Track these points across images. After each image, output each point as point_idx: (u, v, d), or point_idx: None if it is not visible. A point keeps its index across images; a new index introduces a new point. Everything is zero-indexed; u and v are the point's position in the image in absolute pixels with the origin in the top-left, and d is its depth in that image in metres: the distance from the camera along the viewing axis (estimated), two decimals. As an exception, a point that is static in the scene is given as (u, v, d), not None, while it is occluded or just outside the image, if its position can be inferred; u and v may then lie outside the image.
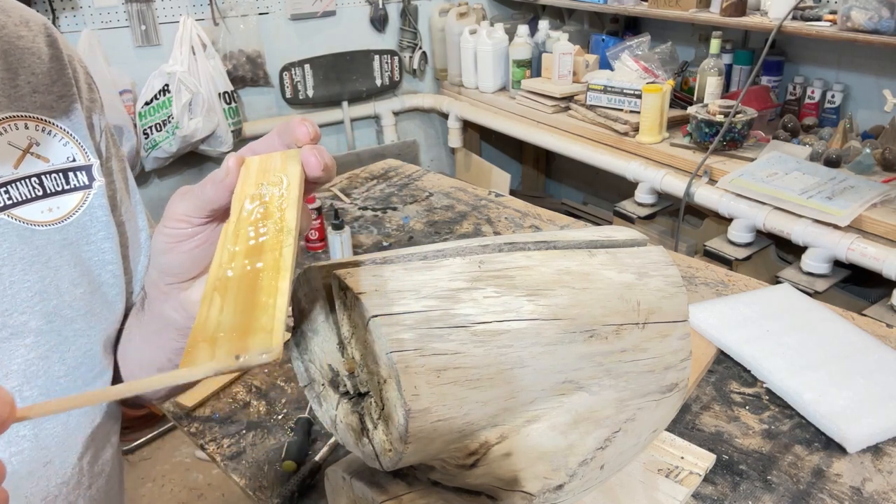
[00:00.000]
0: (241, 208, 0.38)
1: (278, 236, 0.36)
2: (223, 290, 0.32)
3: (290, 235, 0.36)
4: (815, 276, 1.58)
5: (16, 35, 0.54)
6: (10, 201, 0.52)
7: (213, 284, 0.33)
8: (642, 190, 2.04)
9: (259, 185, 0.40)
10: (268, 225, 0.37)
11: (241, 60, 2.37)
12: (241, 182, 0.40)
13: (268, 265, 0.34)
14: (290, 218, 0.37)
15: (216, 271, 0.34)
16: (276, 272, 0.33)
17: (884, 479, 0.71)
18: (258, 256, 0.35)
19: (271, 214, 0.38)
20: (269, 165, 0.41)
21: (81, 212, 0.56)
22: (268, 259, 0.34)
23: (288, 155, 0.42)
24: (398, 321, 0.45)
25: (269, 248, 0.35)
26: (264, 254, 0.35)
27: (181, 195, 0.43)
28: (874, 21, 1.59)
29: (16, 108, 0.53)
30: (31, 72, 0.54)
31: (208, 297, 0.32)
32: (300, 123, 0.42)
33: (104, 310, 0.57)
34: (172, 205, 0.44)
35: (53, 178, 0.54)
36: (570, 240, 0.57)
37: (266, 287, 0.33)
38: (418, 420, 0.45)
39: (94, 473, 0.59)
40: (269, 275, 0.33)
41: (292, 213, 0.37)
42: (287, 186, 0.39)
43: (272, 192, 0.39)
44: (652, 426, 0.60)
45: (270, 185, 0.39)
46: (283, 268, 0.34)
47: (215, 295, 0.32)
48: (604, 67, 2.36)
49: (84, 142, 0.57)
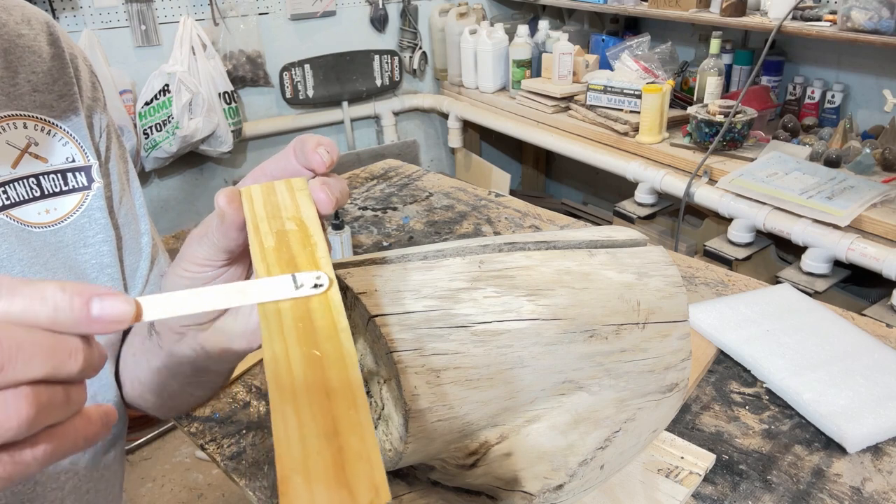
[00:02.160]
0: (269, 273, 0.33)
1: (329, 315, 0.31)
2: (292, 398, 0.28)
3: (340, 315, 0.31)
4: (815, 276, 1.58)
5: (16, 33, 0.54)
6: (9, 201, 0.51)
7: (278, 390, 0.28)
8: (642, 190, 2.04)
9: (280, 238, 0.35)
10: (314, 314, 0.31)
11: (241, 60, 2.37)
12: (254, 228, 0.35)
13: (332, 364, 0.29)
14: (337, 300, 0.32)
15: (273, 367, 0.29)
16: (343, 369, 0.29)
17: (884, 479, 0.71)
18: (314, 343, 0.30)
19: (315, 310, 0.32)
20: (277, 201, 0.37)
21: (79, 213, 0.55)
22: (326, 348, 0.30)
23: (295, 188, 0.37)
24: (398, 321, 0.45)
25: (325, 335, 0.30)
26: (321, 343, 0.30)
27: (198, 239, 0.40)
28: (874, 21, 1.59)
29: (15, 107, 0.52)
30: (31, 70, 0.53)
31: (279, 410, 0.27)
32: (314, 150, 0.38)
33: None
34: (190, 248, 0.40)
35: (52, 178, 0.54)
36: (570, 240, 0.57)
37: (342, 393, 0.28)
38: (418, 420, 0.45)
39: (92, 478, 0.59)
40: (335, 371, 0.29)
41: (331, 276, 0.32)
42: (315, 243, 0.34)
43: (299, 252, 0.34)
44: (652, 426, 0.60)
45: (294, 240, 0.34)
46: (349, 366, 0.29)
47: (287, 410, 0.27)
48: (604, 67, 2.36)
49: (84, 142, 0.56)
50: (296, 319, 0.31)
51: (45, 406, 0.25)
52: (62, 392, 0.26)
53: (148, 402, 0.59)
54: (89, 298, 0.26)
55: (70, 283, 0.27)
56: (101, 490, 0.60)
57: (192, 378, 0.51)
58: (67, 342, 0.26)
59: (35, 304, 0.25)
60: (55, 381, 0.25)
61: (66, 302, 0.25)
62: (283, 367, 0.29)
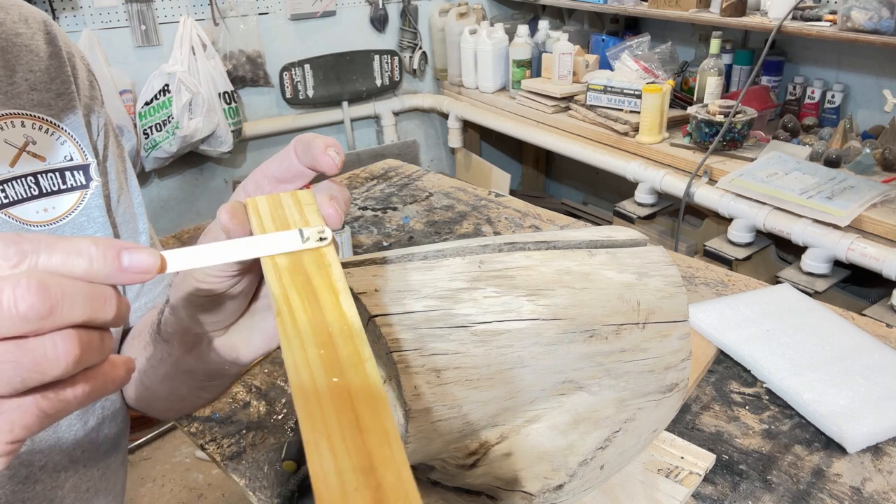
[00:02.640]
0: (286, 296, 0.32)
1: (351, 344, 0.30)
2: (323, 427, 0.27)
3: (363, 344, 0.30)
4: (815, 276, 1.58)
5: (14, 32, 0.53)
6: (7, 200, 0.51)
7: (310, 423, 0.28)
8: (642, 190, 2.04)
9: (294, 256, 0.34)
10: (331, 325, 0.31)
11: (241, 60, 2.37)
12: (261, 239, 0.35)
13: (356, 390, 0.29)
14: (353, 315, 0.31)
15: (301, 392, 0.29)
16: (372, 404, 0.28)
17: (884, 479, 0.71)
18: (338, 370, 0.29)
19: (332, 314, 0.32)
20: (286, 216, 0.36)
21: (78, 212, 0.55)
22: (352, 378, 0.29)
23: (303, 202, 0.37)
24: (398, 321, 0.45)
25: (349, 363, 0.30)
26: (345, 370, 0.30)
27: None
28: (874, 21, 1.59)
29: (13, 105, 0.52)
30: (28, 69, 0.53)
31: (312, 442, 0.27)
32: (324, 152, 0.37)
33: None
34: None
35: (50, 177, 0.54)
36: (569, 240, 0.57)
37: (374, 429, 0.28)
38: (418, 420, 0.45)
39: (93, 476, 0.59)
40: (364, 405, 0.28)
41: (351, 306, 0.32)
42: (329, 263, 0.33)
43: (315, 274, 0.33)
44: (652, 426, 0.60)
45: (309, 260, 0.34)
46: (378, 400, 0.29)
47: (321, 441, 0.27)
48: (604, 67, 2.36)
49: (82, 141, 0.56)
50: (318, 346, 0.30)
51: (87, 348, 0.27)
52: (98, 337, 0.28)
53: (152, 406, 0.59)
54: (119, 251, 0.28)
55: (101, 237, 0.29)
56: (101, 489, 0.60)
57: (203, 382, 0.50)
58: (103, 290, 0.28)
59: (72, 256, 0.27)
60: (92, 327, 0.28)
61: (99, 254, 0.28)
62: (313, 399, 0.28)
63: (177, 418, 0.77)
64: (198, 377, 0.49)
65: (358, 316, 0.32)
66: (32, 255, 0.26)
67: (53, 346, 0.26)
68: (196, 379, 0.50)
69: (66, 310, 0.26)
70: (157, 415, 0.61)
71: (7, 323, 0.25)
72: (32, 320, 0.25)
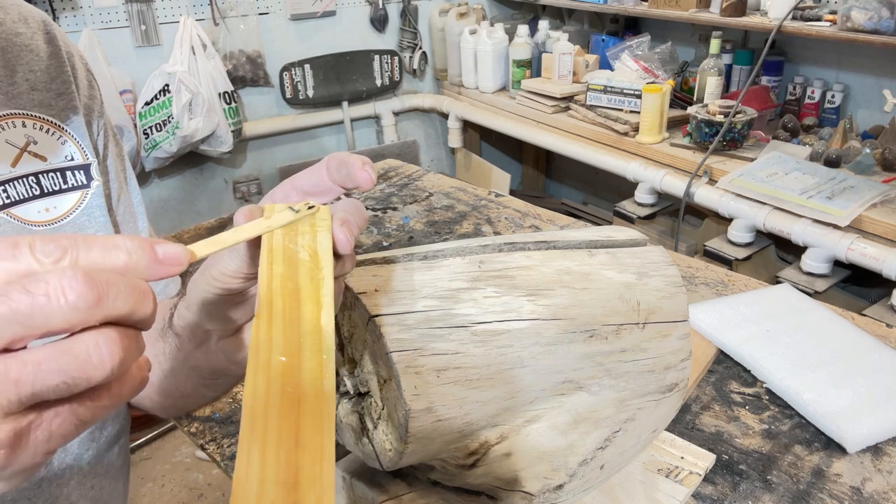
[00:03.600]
0: (270, 300, 0.33)
1: (317, 358, 0.31)
2: (261, 435, 0.27)
3: (329, 362, 0.31)
4: (815, 276, 1.58)
5: (13, 32, 0.53)
6: (9, 200, 0.51)
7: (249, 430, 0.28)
8: (642, 190, 2.04)
9: (290, 265, 0.34)
10: (304, 336, 0.31)
11: (241, 60, 2.37)
12: (267, 250, 0.35)
13: (307, 404, 0.29)
14: (329, 332, 0.32)
15: (251, 395, 0.29)
16: (318, 420, 0.28)
17: (884, 479, 0.71)
18: (295, 381, 0.30)
19: (308, 326, 0.32)
20: (297, 226, 0.36)
21: (79, 212, 0.55)
22: (306, 391, 0.29)
23: (317, 216, 0.37)
24: (398, 321, 0.45)
25: (309, 376, 0.30)
26: (302, 383, 0.30)
27: (229, 252, 0.39)
28: (874, 21, 1.59)
29: (13, 105, 0.52)
30: (28, 69, 0.53)
31: (245, 448, 0.27)
32: (362, 169, 0.38)
33: None
34: (222, 259, 0.40)
35: (51, 177, 0.54)
36: (569, 240, 0.57)
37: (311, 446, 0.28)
38: (418, 420, 0.45)
39: (96, 474, 0.59)
40: (310, 419, 0.28)
41: (329, 322, 0.32)
42: (322, 278, 0.34)
43: (305, 284, 0.34)
44: (652, 426, 0.60)
45: (304, 271, 0.34)
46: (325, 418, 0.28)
47: (254, 450, 0.27)
48: (604, 67, 2.36)
49: (82, 140, 0.56)
50: (285, 354, 0.30)
51: (128, 349, 0.27)
52: (136, 337, 0.28)
53: (154, 402, 0.59)
54: (153, 244, 0.28)
55: (131, 234, 0.29)
56: (104, 487, 0.60)
57: (208, 380, 0.51)
58: (142, 283, 0.27)
59: (110, 251, 0.27)
60: (129, 326, 0.27)
61: (136, 247, 0.28)
62: (261, 405, 0.28)
63: (178, 416, 0.77)
64: (203, 374, 0.50)
65: (333, 335, 0.32)
66: (72, 251, 0.26)
67: (97, 348, 0.25)
68: (201, 376, 0.50)
69: (112, 300, 0.26)
70: (159, 411, 0.61)
71: (58, 314, 0.25)
72: (83, 309, 0.25)
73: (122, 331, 0.26)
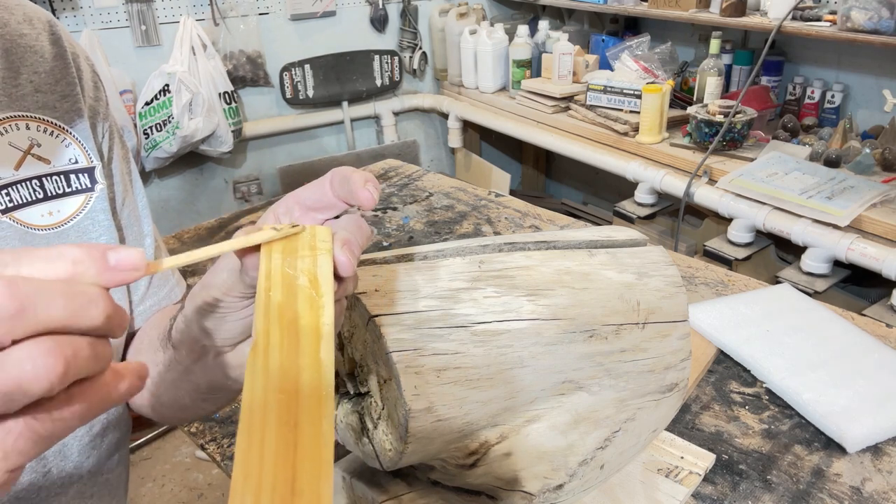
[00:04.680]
0: (267, 331, 0.31)
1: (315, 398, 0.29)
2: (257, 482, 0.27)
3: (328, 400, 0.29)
4: (815, 276, 1.58)
5: (18, 33, 0.53)
6: (12, 204, 0.50)
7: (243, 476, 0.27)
8: (642, 190, 2.04)
9: (288, 292, 0.33)
10: (302, 374, 0.30)
11: (241, 60, 2.37)
12: (265, 274, 0.34)
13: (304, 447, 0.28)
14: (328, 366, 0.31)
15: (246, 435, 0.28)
16: (316, 466, 0.28)
17: (883, 479, 0.71)
18: (293, 422, 0.29)
19: (307, 359, 0.31)
20: (296, 249, 0.35)
21: (83, 215, 0.54)
22: (304, 431, 0.28)
23: (318, 238, 0.36)
24: (398, 321, 0.45)
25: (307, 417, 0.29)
26: (300, 423, 0.29)
27: (229, 270, 0.39)
28: (874, 21, 1.59)
29: (17, 108, 0.51)
30: (33, 71, 0.53)
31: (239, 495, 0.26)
32: (363, 187, 0.37)
33: None
34: (220, 276, 0.39)
35: (55, 180, 0.53)
36: (569, 240, 0.57)
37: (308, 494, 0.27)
38: (418, 420, 0.45)
39: (97, 483, 0.58)
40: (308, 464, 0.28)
41: (329, 355, 0.31)
42: (322, 305, 0.33)
43: (304, 313, 0.33)
44: (652, 426, 0.60)
45: (303, 299, 0.33)
46: (323, 463, 0.28)
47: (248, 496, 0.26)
48: (604, 67, 2.36)
49: (86, 143, 0.55)
50: (281, 391, 0.29)
51: (72, 358, 0.25)
52: (87, 345, 0.26)
53: (155, 412, 0.59)
54: (104, 251, 0.27)
55: (84, 243, 0.28)
56: (104, 495, 0.60)
57: (206, 394, 0.50)
58: (86, 289, 0.26)
59: (53, 261, 0.26)
60: (76, 332, 0.25)
61: (83, 254, 0.26)
62: (256, 446, 0.28)
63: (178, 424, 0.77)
64: (201, 388, 0.49)
65: (333, 369, 0.31)
66: (13, 266, 0.25)
67: (31, 360, 0.23)
68: (199, 390, 0.50)
69: (41, 308, 0.24)
70: (159, 420, 0.61)
71: None
72: (3, 320, 0.23)
73: (63, 340, 0.25)
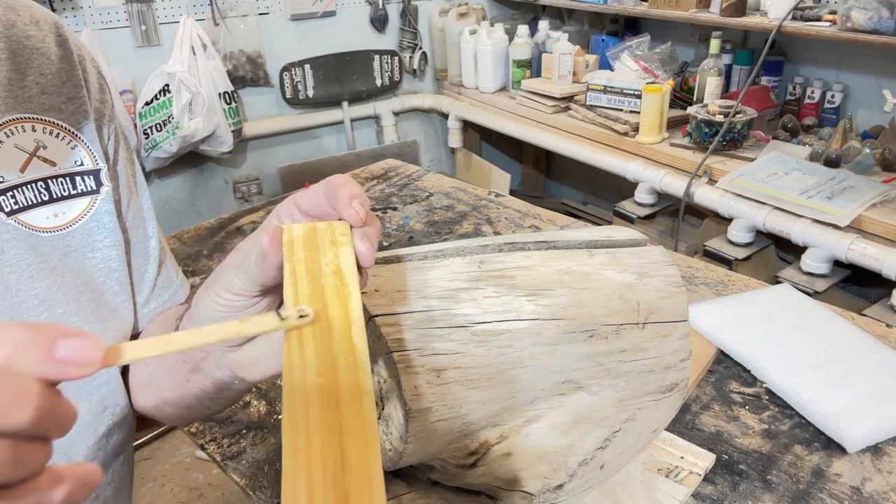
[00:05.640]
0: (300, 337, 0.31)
1: (354, 377, 0.30)
2: (306, 461, 0.27)
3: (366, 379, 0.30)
4: (815, 276, 1.58)
5: (25, 35, 0.52)
6: (17, 206, 0.50)
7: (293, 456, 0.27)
8: (642, 190, 2.04)
9: (315, 286, 0.34)
10: (338, 356, 0.30)
11: (241, 60, 2.37)
12: (291, 272, 0.34)
13: (349, 426, 0.28)
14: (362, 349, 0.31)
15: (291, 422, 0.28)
16: (362, 441, 0.28)
17: (883, 479, 0.71)
18: (335, 404, 0.29)
19: (340, 345, 0.31)
20: (318, 244, 0.36)
21: (87, 217, 0.54)
22: (347, 412, 0.28)
23: (337, 232, 0.37)
24: (398, 321, 0.45)
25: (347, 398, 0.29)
26: (342, 405, 0.29)
27: (235, 269, 0.39)
28: (874, 21, 1.59)
29: (23, 109, 0.51)
30: (39, 72, 0.52)
31: (290, 477, 0.26)
32: (349, 205, 0.37)
33: (111, 318, 0.55)
34: (226, 276, 0.39)
35: (60, 182, 0.53)
36: (569, 240, 0.57)
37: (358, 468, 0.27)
38: (418, 420, 0.45)
39: (102, 483, 0.58)
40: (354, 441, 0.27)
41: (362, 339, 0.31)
42: (349, 292, 0.33)
43: (333, 302, 0.33)
44: (652, 426, 0.60)
45: (329, 289, 0.33)
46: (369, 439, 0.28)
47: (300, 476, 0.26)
48: (604, 67, 2.36)
49: (92, 145, 0.55)
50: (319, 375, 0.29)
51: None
52: (8, 448, 0.22)
53: (160, 412, 0.59)
54: (55, 338, 0.24)
55: (36, 323, 0.24)
56: (110, 496, 0.60)
57: (211, 394, 0.50)
58: (16, 384, 0.22)
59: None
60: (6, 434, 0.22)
61: (27, 339, 0.23)
62: (302, 430, 0.27)
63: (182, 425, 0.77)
64: (207, 388, 0.49)
65: (367, 352, 0.31)
66: None
67: None
68: (205, 390, 0.50)
69: None
70: (164, 420, 0.61)
71: None
72: None
73: None
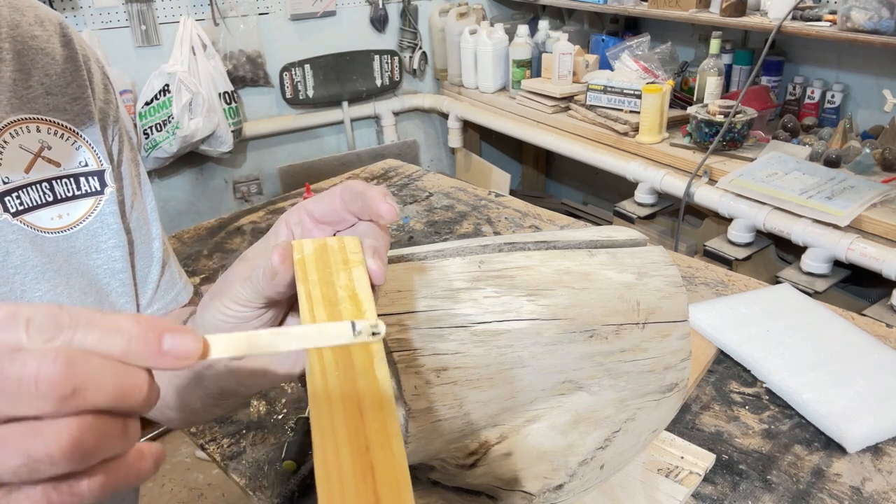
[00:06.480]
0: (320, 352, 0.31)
1: (380, 418, 0.29)
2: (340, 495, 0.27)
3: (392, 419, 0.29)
4: (815, 276, 1.58)
5: (30, 35, 0.52)
6: (22, 207, 0.50)
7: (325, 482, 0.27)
8: (642, 190, 2.04)
9: (331, 309, 0.33)
10: (361, 390, 0.30)
11: (241, 60, 2.37)
12: (305, 296, 0.34)
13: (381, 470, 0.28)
14: (385, 384, 0.30)
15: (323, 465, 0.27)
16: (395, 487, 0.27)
17: (883, 479, 0.71)
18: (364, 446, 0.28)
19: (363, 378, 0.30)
20: (330, 263, 0.35)
21: (92, 218, 0.54)
22: (377, 455, 0.28)
23: (349, 250, 0.36)
24: (398, 321, 0.45)
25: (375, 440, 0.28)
26: (371, 446, 0.28)
27: (242, 282, 0.39)
28: (874, 21, 1.59)
29: (28, 110, 0.51)
30: (44, 73, 0.52)
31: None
32: (383, 200, 0.37)
33: None
34: (233, 287, 0.39)
35: (65, 183, 0.53)
36: (569, 240, 0.57)
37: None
38: (419, 420, 0.45)
39: None
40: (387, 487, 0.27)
41: (384, 373, 0.31)
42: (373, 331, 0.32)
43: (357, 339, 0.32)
44: (652, 426, 0.60)
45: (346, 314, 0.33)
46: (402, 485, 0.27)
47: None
48: (604, 67, 2.36)
49: (97, 146, 0.55)
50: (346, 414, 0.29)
51: (105, 438, 0.25)
52: (121, 425, 0.26)
53: (164, 415, 0.58)
54: (162, 333, 0.26)
55: (144, 316, 0.27)
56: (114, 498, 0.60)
57: (217, 399, 0.50)
58: (137, 374, 0.26)
59: (110, 335, 0.26)
60: (116, 413, 0.26)
61: (140, 334, 0.26)
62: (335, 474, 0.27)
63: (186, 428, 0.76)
64: (212, 394, 0.49)
65: (390, 385, 0.31)
66: (69, 331, 0.25)
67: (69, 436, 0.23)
68: (210, 395, 0.50)
69: (92, 392, 0.24)
70: (167, 423, 0.61)
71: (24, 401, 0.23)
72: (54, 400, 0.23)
73: (100, 420, 0.25)
